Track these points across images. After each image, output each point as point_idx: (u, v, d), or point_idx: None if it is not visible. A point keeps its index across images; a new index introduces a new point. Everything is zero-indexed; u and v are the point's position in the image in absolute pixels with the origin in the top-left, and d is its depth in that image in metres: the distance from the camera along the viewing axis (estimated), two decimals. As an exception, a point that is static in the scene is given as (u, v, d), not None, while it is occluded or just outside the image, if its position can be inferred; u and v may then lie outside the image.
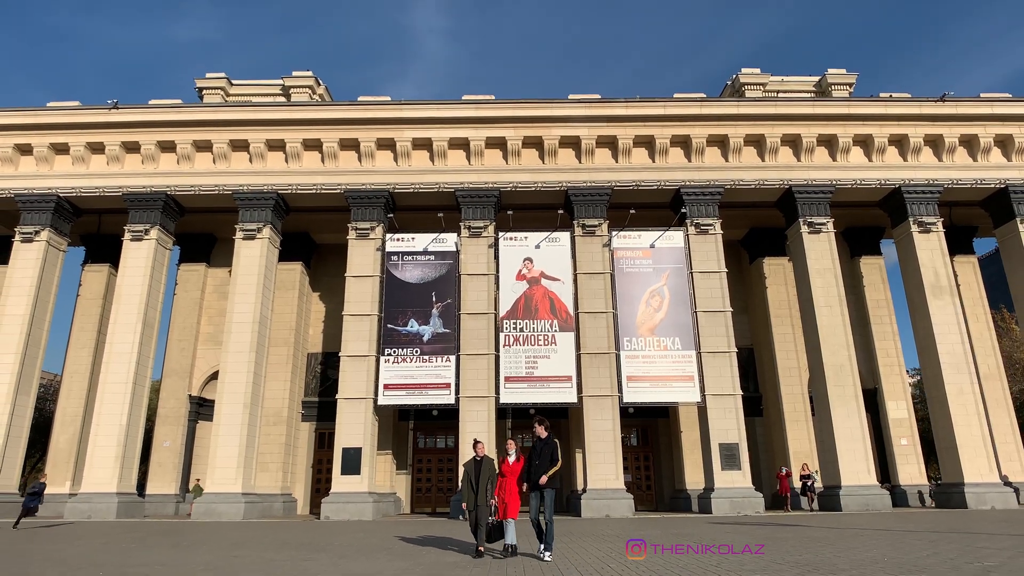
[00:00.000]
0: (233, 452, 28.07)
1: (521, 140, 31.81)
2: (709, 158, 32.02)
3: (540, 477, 11.41)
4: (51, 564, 11.48)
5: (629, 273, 30.58)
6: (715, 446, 27.83)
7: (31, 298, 30.56)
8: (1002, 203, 32.40)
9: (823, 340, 29.65)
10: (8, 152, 31.94)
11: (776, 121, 31.79)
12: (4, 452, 28.65)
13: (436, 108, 31.88)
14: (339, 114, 31.87)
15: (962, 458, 28.35)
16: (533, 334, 29.72)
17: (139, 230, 31.23)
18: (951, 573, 8.43)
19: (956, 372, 29.50)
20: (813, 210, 31.31)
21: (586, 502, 26.84)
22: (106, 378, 29.32)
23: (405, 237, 31.46)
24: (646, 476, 36.52)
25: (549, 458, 11.61)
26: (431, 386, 29.19)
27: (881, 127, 32.03)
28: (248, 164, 32.03)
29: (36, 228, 31.39)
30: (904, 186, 31.73)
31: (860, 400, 29.05)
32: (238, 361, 29.22)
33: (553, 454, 11.67)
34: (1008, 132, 32.19)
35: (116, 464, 28.11)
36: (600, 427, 28.24)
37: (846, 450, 28.21)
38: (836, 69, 39.61)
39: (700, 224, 30.95)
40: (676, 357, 29.37)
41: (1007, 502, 27.48)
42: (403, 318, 30.06)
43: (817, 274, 30.54)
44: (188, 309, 35.47)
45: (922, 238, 31.36)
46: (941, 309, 30.31)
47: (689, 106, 31.76)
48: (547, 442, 11.84)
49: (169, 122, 31.84)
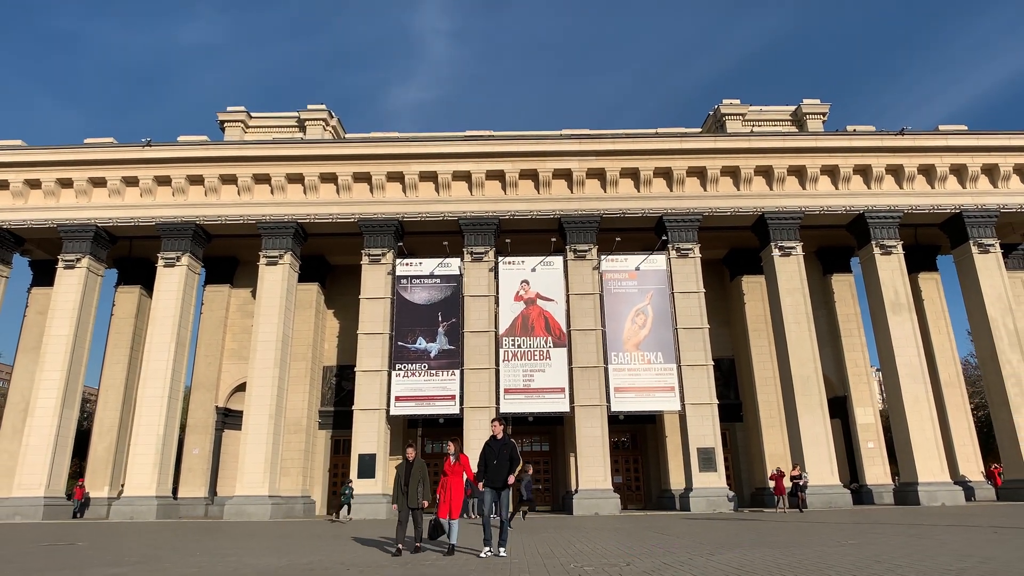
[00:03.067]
0: (260, 458, 31.22)
1: (518, 172, 34.95)
2: (689, 188, 35.16)
3: (505, 477, 11.70)
4: (147, 550, 14.57)
5: (616, 293, 33.71)
6: (693, 450, 30.96)
7: (74, 320, 33.70)
8: (957, 226, 35.51)
9: (792, 353, 32.76)
10: (51, 186, 35.12)
11: (750, 154, 34.92)
12: (53, 460, 31.78)
13: (440, 144, 35.07)
14: (353, 150, 35.04)
15: (916, 460, 31.45)
16: (530, 350, 32.86)
17: (171, 257, 34.40)
18: (820, 547, 11.53)
19: (913, 382, 32.60)
20: (784, 235, 34.43)
21: (577, 501, 29.96)
22: (144, 392, 32.48)
23: (413, 262, 34.61)
24: (635, 477, 39.65)
25: (508, 458, 11.87)
26: (438, 397, 32.31)
27: (847, 158, 35.16)
28: (270, 196, 35.20)
29: (77, 256, 34.53)
30: (867, 212, 34.84)
31: (825, 408, 32.15)
32: (264, 376, 32.38)
33: (513, 454, 11.92)
34: (962, 162, 35.29)
35: (154, 470, 31.26)
36: (590, 434, 31.36)
37: (812, 453, 31.31)
38: (811, 100, 42.70)
39: (681, 248, 34.09)
40: (659, 370, 32.51)
41: (955, 499, 30.56)
42: (412, 336, 33.20)
43: (787, 293, 33.66)
44: (214, 327, 38.63)
45: (883, 259, 34.48)
46: (899, 324, 33.42)
47: (670, 141, 34.91)
48: (505, 442, 12.02)
49: (197, 158, 35.01)
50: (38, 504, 30.57)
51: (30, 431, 31.79)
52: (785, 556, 10.57)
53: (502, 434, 12.20)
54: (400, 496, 12.70)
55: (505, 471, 11.82)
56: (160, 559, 12.35)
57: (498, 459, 11.85)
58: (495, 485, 11.86)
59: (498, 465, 11.80)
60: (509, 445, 12.03)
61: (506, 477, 11.79)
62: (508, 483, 11.80)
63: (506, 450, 11.93)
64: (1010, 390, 32.72)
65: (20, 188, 35.00)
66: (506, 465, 11.85)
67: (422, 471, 12.83)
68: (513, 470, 11.90)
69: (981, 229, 34.95)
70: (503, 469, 11.80)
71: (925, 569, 8.52)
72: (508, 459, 11.88)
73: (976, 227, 34.95)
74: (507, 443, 12.06)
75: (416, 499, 12.59)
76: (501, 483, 11.80)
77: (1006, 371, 32.97)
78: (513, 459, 11.91)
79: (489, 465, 11.91)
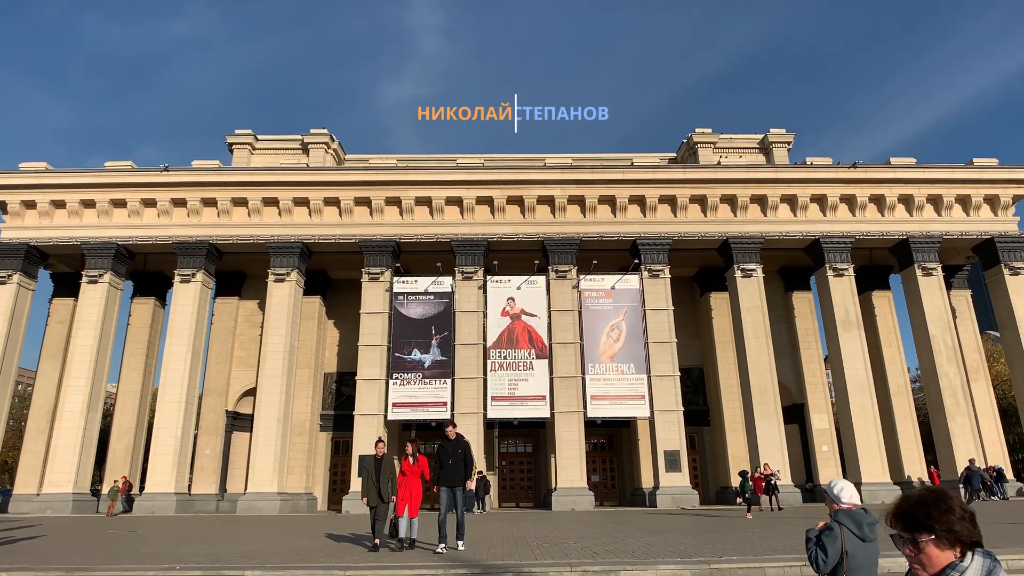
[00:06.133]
0: (270, 459, 34.44)
1: (506, 198, 38.27)
2: (661, 214, 38.60)
3: (461, 476, 12.13)
4: (196, 535, 17.80)
5: (593, 310, 37.13)
6: (661, 452, 34.43)
7: (97, 331, 36.74)
8: (905, 251, 39.12)
9: (751, 366, 36.30)
10: (75, 206, 38.12)
11: (716, 184, 38.40)
12: (80, 459, 34.85)
13: (435, 173, 38.39)
14: (354, 177, 38.28)
15: (861, 462, 35.09)
16: (514, 361, 36.22)
17: (187, 274, 37.49)
18: (732, 534, 14.95)
19: (859, 392, 36.23)
20: (746, 258, 37.94)
21: (556, 498, 33.38)
22: (163, 398, 35.61)
23: (409, 280, 37.88)
24: (611, 476, 43.15)
25: (463, 458, 12.21)
26: (431, 404, 35.61)
27: (804, 188, 38.70)
28: (277, 217, 38.36)
29: (100, 272, 37.53)
30: (823, 238, 38.39)
31: (779, 415, 35.72)
32: (272, 384, 35.59)
33: (467, 454, 12.23)
34: (910, 193, 38.91)
35: (173, 469, 34.42)
36: (568, 437, 34.77)
37: (767, 455, 34.77)
38: (777, 129, 46.24)
39: (652, 269, 37.54)
40: (631, 380, 35.96)
41: (895, 497, 34.09)
42: (408, 348, 36.49)
43: (748, 311, 37.18)
44: (223, 336, 41.73)
45: (836, 281, 38.07)
46: (849, 341, 37.03)
47: (644, 172, 38.38)
48: (459, 443, 12.33)
49: (211, 183, 38.11)
50: (67, 499, 33.64)
51: (59, 433, 34.85)
52: (697, 540, 13.98)
53: (455, 436, 12.61)
54: (372, 491, 12.79)
55: (461, 470, 12.29)
56: (213, 542, 15.64)
57: (453, 459, 12.29)
58: (451, 484, 12.27)
59: (453, 465, 12.24)
60: (463, 445, 12.46)
61: (463, 476, 12.29)
62: (468, 486, 12.45)
63: (460, 450, 12.34)
64: (946, 400, 36.39)
65: (46, 208, 37.98)
66: (461, 465, 12.29)
67: (390, 466, 12.99)
68: (470, 472, 12.44)
69: (925, 254, 38.56)
70: (459, 468, 12.29)
71: (797, 545, 11.94)
72: (463, 459, 12.32)
73: (921, 252, 38.54)
74: (461, 443, 12.46)
75: (388, 494, 12.83)
76: (457, 482, 12.27)
77: (943, 383, 36.63)
78: (468, 459, 12.35)
79: (444, 465, 12.31)
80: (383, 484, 12.69)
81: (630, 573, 9.29)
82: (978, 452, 35.89)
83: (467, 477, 12.42)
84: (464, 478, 12.37)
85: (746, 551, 11.52)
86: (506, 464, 43.05)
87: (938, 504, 2.64)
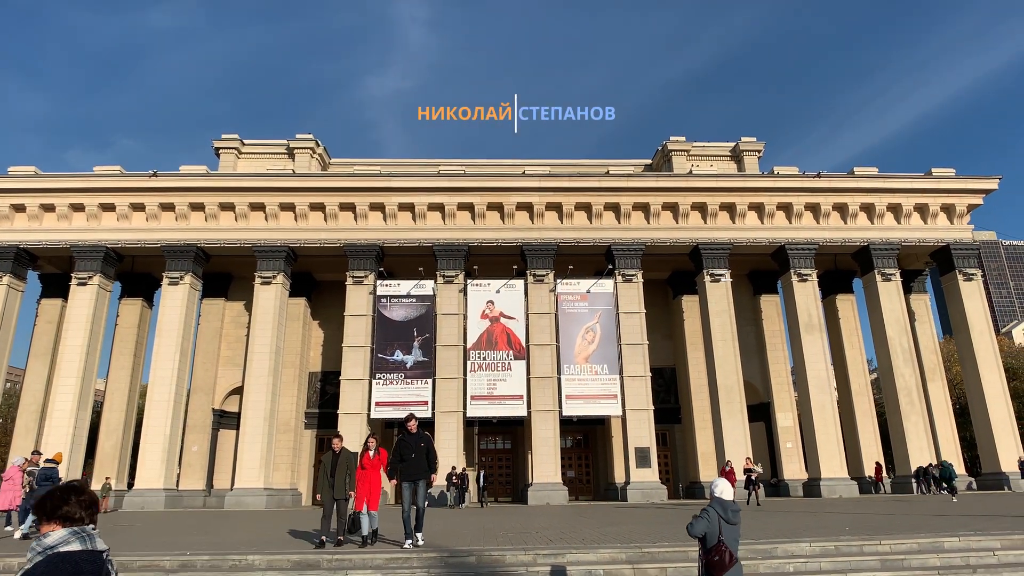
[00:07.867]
0: (256, 455, 35.70)
1: (486, 205, 39.71)
2: (635, 220, 40.24)
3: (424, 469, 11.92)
4: (193, 528, 19.12)
5: (569, 313, 38.72)
6: (631, 449, 36.14)
7: (87, 332, 37.69)
8: (866, 257, 41.11)
9: (718, 366, 38.08)
10: (64, 210, 38.99)
11: (688, 192, 40.06)
12: (70, 457, 35.82)
13: (418, 180, 39.71)
14: (339, 183, 39.50)
15: (821, 458, 37.03)
16: (493, 362, 37.74)
17: (175, 276, 38.55)
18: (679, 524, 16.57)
19: (820, 392, 38.16)
20: (714, 263, 39.69)
21: (532, 493, 34.98)
22: (152, 397, 36.71)
23: (392, 283, 39.23)
24: (586, 472, 44.89)
25: (426, 452, 12.00)
26: (413, 403, 36.96)
27: (771, 197, 40.49)
28: (264, 222, 39.49)
29: (89, 274, 38.46)
30: (788, 244, 40.23)
31: (744, 414, 37.54)
32: (259, 384, 36.82)
33: (429, 447, 12.05)
34: (871, 201, 40.83)
35: (162, 466, 35.57)
36: (544, 435, 36.37)
37: (732, 452, 36.57)
38: (748, 137, 48.14)
39: (626, 274, 39.18)
40: (604, 380, 37.62)
41: (851, 492, 36.18)
42: (391, 349, 37.87)
43: (716, 315, 38.95)
44: (210, 336, 42.83)
45: (800, 286, 39.94)
46: (811, 343, 38.95)
47: (619, 180, 39.97)
48: (420, 436, 12.14)
49: (198, 188, 39.14)
50: (58, 495, 34.60)
51: (49, 432, 35.85)
52: (647, 529, 15.58)
53: (416, 429, 12.43)
54: (326, 487, 12.56)
55: (424, 464, 12.07)
56: (211, 532, 17.01)
57: (416, 452, 12.04)
58: (413, 478, 11.99)
59: (416, 459, 12.00)
60: (425, 439, 12.29)
61: (426, 469, 12.09)
62: (432, 481, 12.30)
63: (423, 444, 12.16)
64: (902, 399, 38.45)
65: (36, 212, 38.84)
66: (424, 459, 12.07)
67: (348, 462, 12.74)
68: (434, 466, 12.22)
69: (885, 260, 40.56)
70: (421, 462, 12.04)
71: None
72: (426, 453, 12.09)
73: (880, 258, 40.53)
74: (422, 437, 12.27)
75: (343, 490, 12.55)
76: (421, 475, 12.04)
77: (899, 383, 38.68)
78: (431, 453, 12.16)
79: (406, 458, 12.01)
80: (337, 480, 12.55)
81: (574, 555, 10.80)
82: (931, 449, 38.01)
83: (432, 471, 12.28)
84: (427, 472, 12.20)
85: (682, 539, 13.10)
86: (485, 460, 44.59)
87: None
